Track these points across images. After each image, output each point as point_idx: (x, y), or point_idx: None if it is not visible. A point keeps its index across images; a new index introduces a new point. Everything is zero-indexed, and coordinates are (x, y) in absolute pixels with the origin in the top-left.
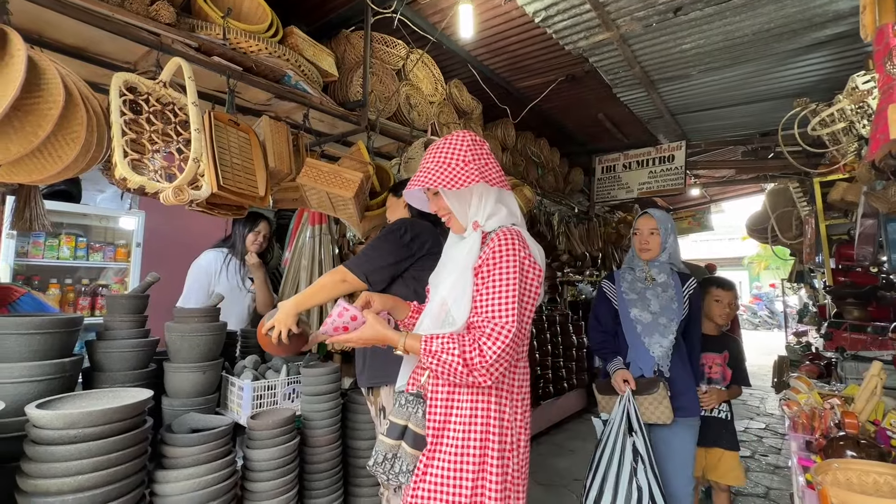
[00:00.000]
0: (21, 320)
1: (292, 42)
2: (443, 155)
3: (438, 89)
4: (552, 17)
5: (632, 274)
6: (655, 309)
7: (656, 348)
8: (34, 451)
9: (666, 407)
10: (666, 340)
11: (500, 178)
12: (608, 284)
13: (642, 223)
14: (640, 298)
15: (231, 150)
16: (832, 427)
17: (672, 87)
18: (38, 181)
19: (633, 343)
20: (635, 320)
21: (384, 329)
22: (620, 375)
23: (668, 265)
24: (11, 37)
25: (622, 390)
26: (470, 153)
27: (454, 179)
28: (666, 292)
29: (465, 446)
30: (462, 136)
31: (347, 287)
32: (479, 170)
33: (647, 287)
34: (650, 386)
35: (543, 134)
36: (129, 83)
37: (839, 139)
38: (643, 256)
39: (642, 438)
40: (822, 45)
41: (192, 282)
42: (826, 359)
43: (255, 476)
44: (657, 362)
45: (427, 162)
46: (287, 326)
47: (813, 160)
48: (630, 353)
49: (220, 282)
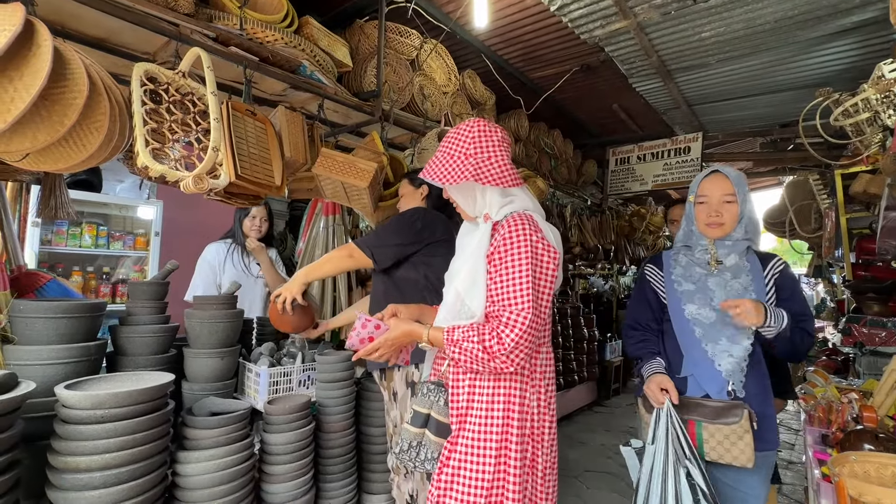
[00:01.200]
0: (48, 305)
1: (307, 32)
2: (449, 146)
3: (452, 80)
4: (568, 4)
5: (688, 256)
6: None
7: (724, 359)
8: (64, 430)
9: (747, 444)
10: (738, 348)
11: (500, 175)
12: (653, 270)
13: (711, 187)
14: (700, 290)
15: (248, 140)
16: (850, 421)
17: (690, 76)
18: (63, 169)
19: (689, 352)
20: (693, 320)
21: (408, 325)
22: (656, 382)
23: (744, 242)
24: (38, 28)
25: (659, 402)
26: (473, 146)
27: (448, 174)
28: (738, 279)
29: (486, 432)
30: (470, 127)
31: (353, 263)
32: (476, 166)
33: (709, 274)
34: (726, 413)
35: (557, 125)
36: (149, 73)
37: (863, 130)
38: (711, 234)
39: (698, 468)
40: (847, 33)
41: (197, 275)
42: (843, 354)
43: (271, 459)
44: (726, 378)
45: (437, 151)
46: (292, 294)
47: (834, 152)
48: (686, 366)
49: (225, 272)
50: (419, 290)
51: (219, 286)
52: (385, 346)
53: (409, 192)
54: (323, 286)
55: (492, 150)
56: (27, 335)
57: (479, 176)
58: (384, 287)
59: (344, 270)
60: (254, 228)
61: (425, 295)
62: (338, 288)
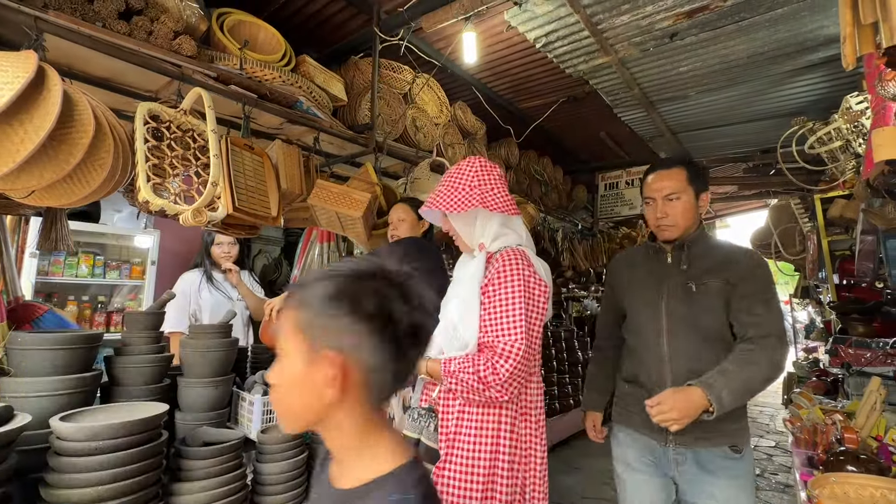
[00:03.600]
0: (45, 337)
1: (304, 70)
2: (452, 179)
3: (443, 111)
4: (552, 42)
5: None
6: None
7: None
8: (57, 462)
9: None
10: None
11: (504, 203)
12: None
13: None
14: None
15: (246, 173)
16: (833, 442)
17: (671, 107)
18: (66, 204)
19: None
20: None
21: None
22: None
23: None
24: (49, 73)
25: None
26: (476, 178)
27: (457, 203)
28: None
29: (475, 458)
30: (471, 163)
31: None
32: (482, 195)
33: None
34: None
35: (546, 152)
36: (152, 112)
37: (837, 157)
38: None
39: None
40: (815, 67)
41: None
42: (832, 375)
43: (265, 489)
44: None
45: (440, 185)
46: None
47: (813, 177)
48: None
49: (203, 299)
50: None
51: (193, 316)
52: None
53: (412, 221)
54: None
55: (493, 182)
56: (24, 367)
57: (486, 202)
58: None
59: None
60: (223, 255)
61: None
62: None
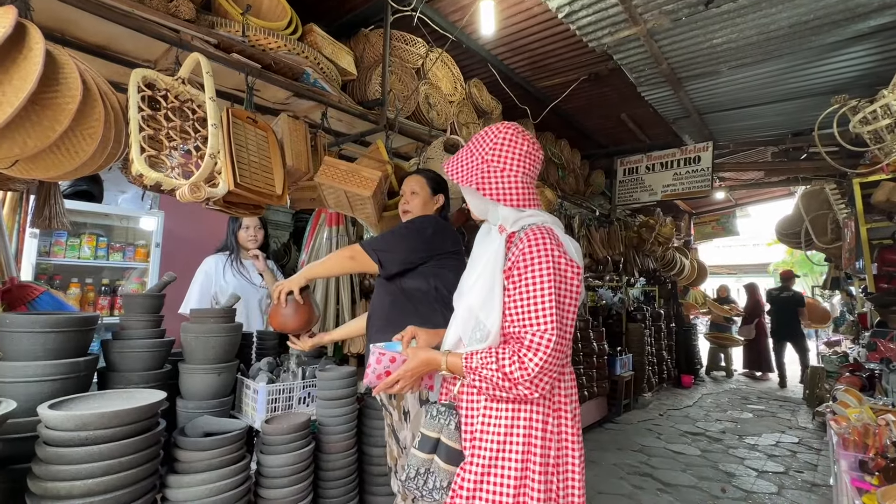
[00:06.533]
0: (35, 318)
1: (311, 40)
2: (474, 144)
3: (458, 88)
4: (576, 12)
5: None
6: None
7: None
8: (45, 453)
9: None
10: None
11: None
12: None
13: None
14: None
15: (249, 148)
16: (889, 445)
17: (700, 84)
18: (55, 177)
19: None
20: None
21: (426, 353)
22: None
23: None
24: (30, 30)
25: None
26: (493, 152)
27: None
28: None
29: (504, 459)
30: (498, 131)
31: (354, 265)
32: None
33: None
34: None
35: (564, 135)
36: (147, 79)
37: (882, 137)
38: None
39: None
40: (864, 38)
41: (193, 287)
42: (868, 370)
43: (268, 483)
44: None
45: (465, 146)
46: (290, 287)
47: (851, 160)
48: None
49: (227, 283)
50: (430, 301)
51: (214, 299)
52: (405, 378)
53: (426, 198)
54: (325, 299)
55: (508, 162)
56: (13, 351)
57: (482, 185)
58: (391, 298)
59: (344, 272)
60: (250, 239)
61: (436, 307)
62: (341, 301)
